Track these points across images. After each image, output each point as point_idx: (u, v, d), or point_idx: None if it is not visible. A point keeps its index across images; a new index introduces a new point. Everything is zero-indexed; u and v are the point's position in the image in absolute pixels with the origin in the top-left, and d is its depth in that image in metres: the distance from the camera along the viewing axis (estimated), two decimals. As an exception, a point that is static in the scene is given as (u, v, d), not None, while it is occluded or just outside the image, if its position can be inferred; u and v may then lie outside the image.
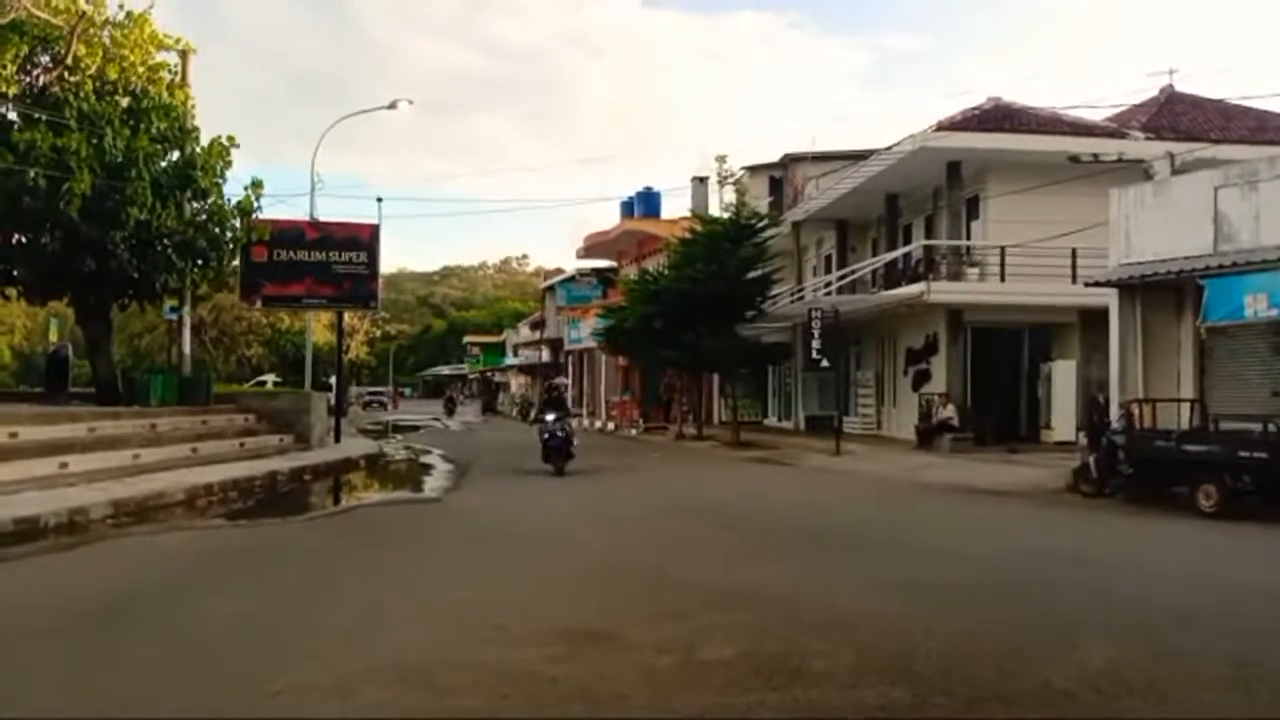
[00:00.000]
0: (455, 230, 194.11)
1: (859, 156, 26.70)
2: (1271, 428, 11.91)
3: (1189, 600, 7.34)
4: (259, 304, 26.78)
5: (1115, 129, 23.23)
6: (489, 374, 74.88)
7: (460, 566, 9.04)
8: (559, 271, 57.13)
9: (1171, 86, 26.04)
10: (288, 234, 23.39)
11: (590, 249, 47.15)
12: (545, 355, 53.28)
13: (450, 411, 51.35)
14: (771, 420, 33.97)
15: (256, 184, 20.14)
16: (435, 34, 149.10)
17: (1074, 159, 18.96)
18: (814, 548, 9.85)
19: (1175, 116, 24.25)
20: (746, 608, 6.84)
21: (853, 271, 26.80)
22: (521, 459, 21.27)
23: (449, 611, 6.96)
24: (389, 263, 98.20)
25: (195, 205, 19.30)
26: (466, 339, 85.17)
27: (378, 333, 61.73)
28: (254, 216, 20.38)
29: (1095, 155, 19.10)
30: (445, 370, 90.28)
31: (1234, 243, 14.51)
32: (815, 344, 22.80)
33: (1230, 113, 24.37)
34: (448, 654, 5.73)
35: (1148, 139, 21.58)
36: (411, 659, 5.57)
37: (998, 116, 23.26)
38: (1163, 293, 15.64)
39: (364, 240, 24.23)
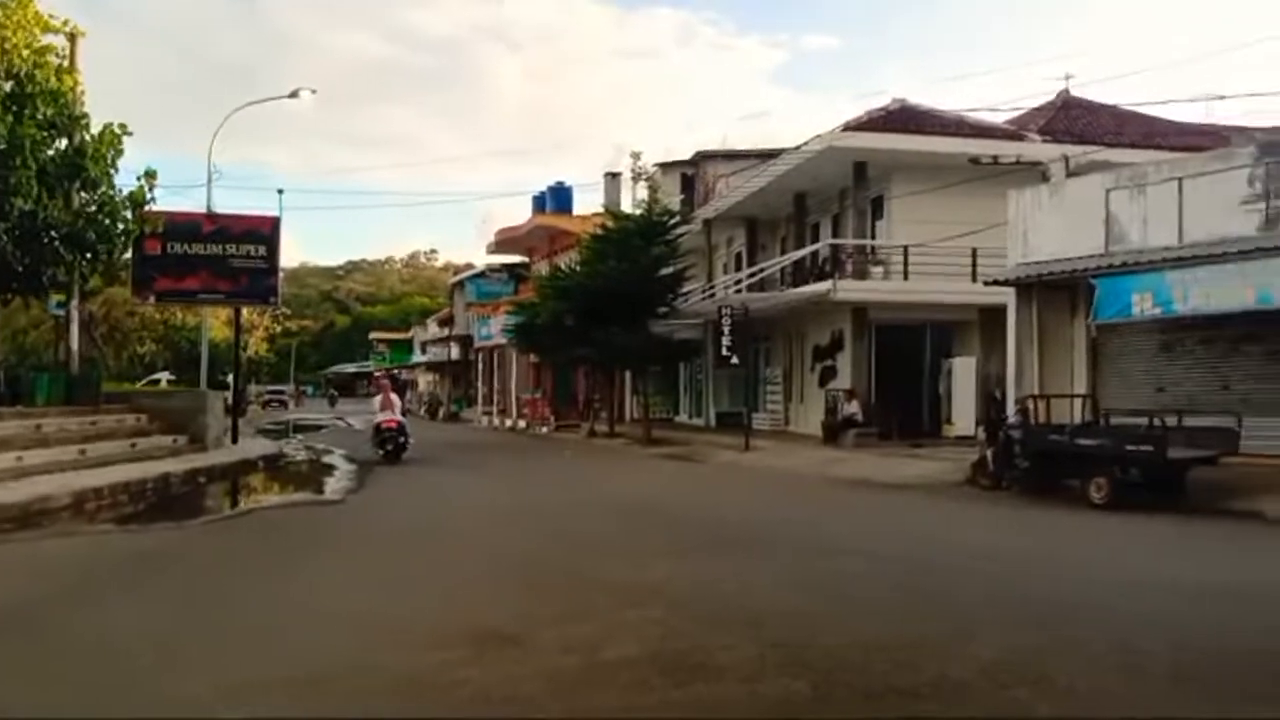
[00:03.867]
0: (362, 224, 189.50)
1: (770, 155, 27.04)
2: (1157, 422, 12.40)
3: (1080, 590, 7.59)
4: (152, 299, 25.77)
5: (1014, 132, 23.95)
6: (396, 371, 73.62)
7: (363, 569, 8.82)
8: (469, 267, 56.57)
9: (1067, 91, 26.94)
10: (183, 226, 22.59)
11: (501, 244, 46.74)
12: (454, 352, 52.61)
13: (332, 404, 59.87)
14: (683, 417, 34.16)
15: (150, 174, 19.32)
16: (346, 23, 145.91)
17: (974, 160, 19.54)
18: (722, 544, 9.89)
19: (1071, 121, 25.10)
20: (654, 606, 6.81)
21: (762, 269, 27.09)
22: (430, 457, 21.03)
23: (351, 616, 6.79)
24: (291, 257, 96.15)
25: (84, 196, 18.45)
26: (373, 335, 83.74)
27: (278, 329, 60.05)
28: (147, 208, 19.56)
29: (995, 157, 19.73)
30: (350, 368, 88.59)
31: (1124, 244, 15.13)
32: (725, 341, 22.99)
33: (1122, 118, 25.34)
34: (348, 660, 5.58)
35: (1045, 142, 22.29)
36: (311, 666, 5.42)
37: (903, 118, 23.75)
38: (1058, 291, 16.21)
39: (264, 233, 23.54)
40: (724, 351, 23.09)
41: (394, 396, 20.88)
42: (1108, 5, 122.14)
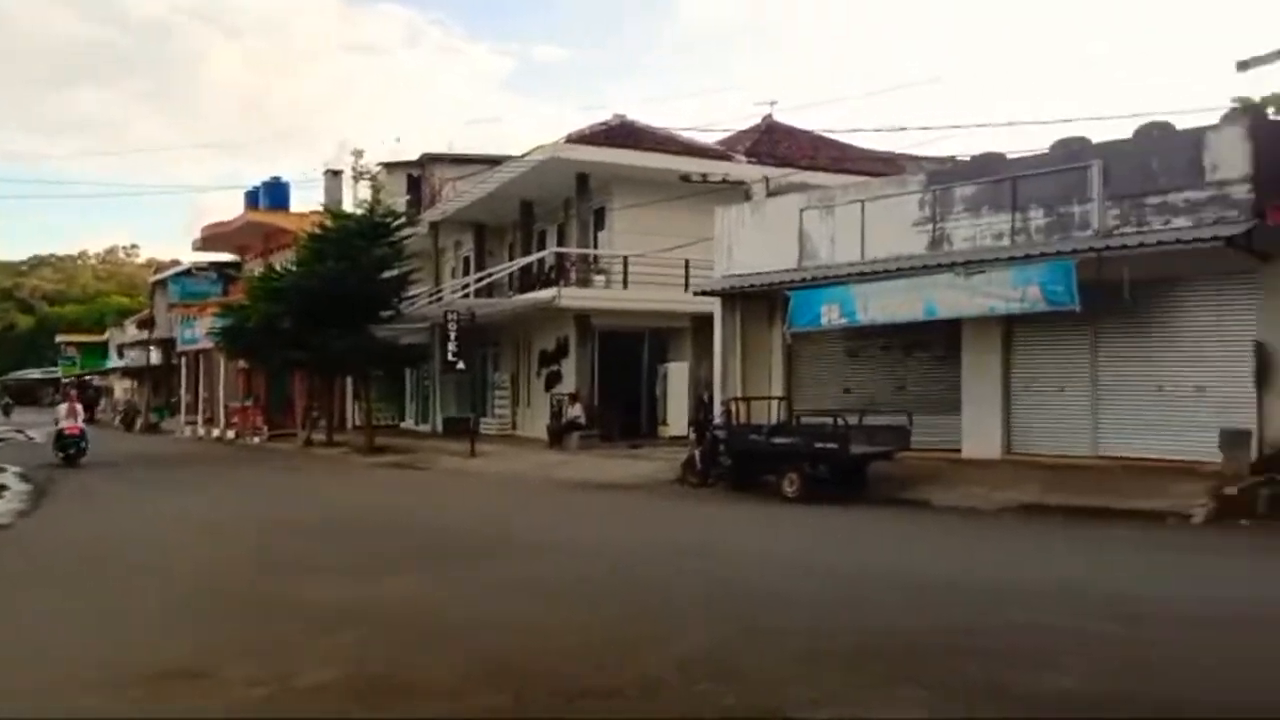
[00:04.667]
0: (51, 215, 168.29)
1: (498, 161, 27.01)
2: (840, 421, 13.58)
3: (774, 581, 8.18)
4: None
5: (723, 152, 25.37)
6: (89, 378, 66.72)
7: (30, 605, 7.96)
8: (175, 264, 52.34)
9: (771, 116, 28.86)
10: None
11: (209, 241, 43.57)
12: (155, 357, 48.47)
13: (7, 414, 54.43)
14: (409, 423, 33.42)
15: None
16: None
17: (685, 178, 20.60)
18: (439, 555, 9.80)
19: (773, 143, 26.90)
20: (357, 627, 6.64)
21: (490, 275, 27.02)
22: (121, 473, 19.38)
23: (14, 657, 6.16)
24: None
25: None
26: (60, 338, 75.47)
27: (-56, 331, 52.85)
28: None
29: (704, 175, 20.90)
30: (35, 374, 79.40)
31: (815, 259, 16.49)
32: (452, 346, 22.72)
33: (818, 143, 27.47)
34: (8, 706, 5.06)
35: (749, 163, 23.80)
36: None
37: (622, 133, 24.50)
38: (758, 302, 17.39)
39: (-82, 224, 20.67)
40: (450, 357, 22.83)
41: (79, 405, 23.45)
42: (809, 38, 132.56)
